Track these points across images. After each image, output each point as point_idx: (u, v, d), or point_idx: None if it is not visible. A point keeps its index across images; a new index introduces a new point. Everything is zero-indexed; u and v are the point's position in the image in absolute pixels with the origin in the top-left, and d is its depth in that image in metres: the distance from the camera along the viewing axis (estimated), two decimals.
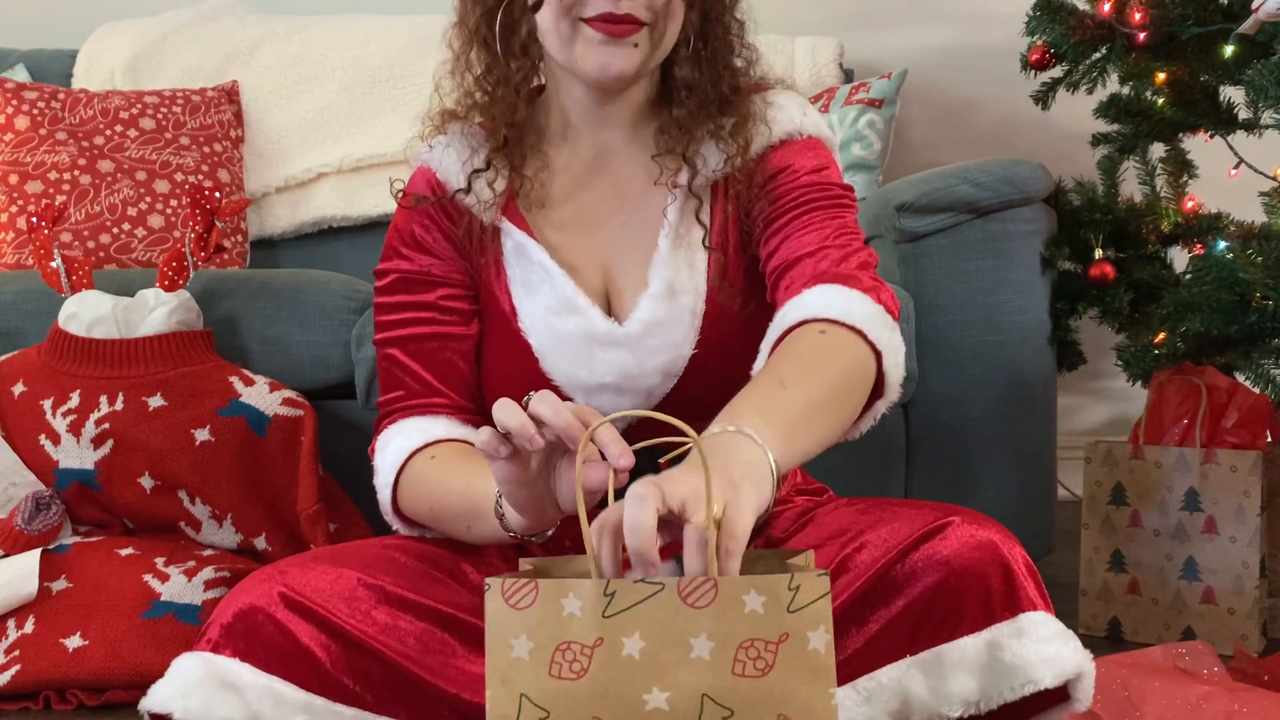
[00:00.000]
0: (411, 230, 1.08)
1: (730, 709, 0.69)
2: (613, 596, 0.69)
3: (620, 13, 0.98)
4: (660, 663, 0.69)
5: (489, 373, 1.11)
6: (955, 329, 1.63)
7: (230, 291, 1.66)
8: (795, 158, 1.06)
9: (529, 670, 0.70)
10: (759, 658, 0.69)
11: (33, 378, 1.50)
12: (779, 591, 0.68)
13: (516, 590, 0.71)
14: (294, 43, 2.31)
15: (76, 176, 2.02)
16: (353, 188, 2.24)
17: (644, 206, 1.07)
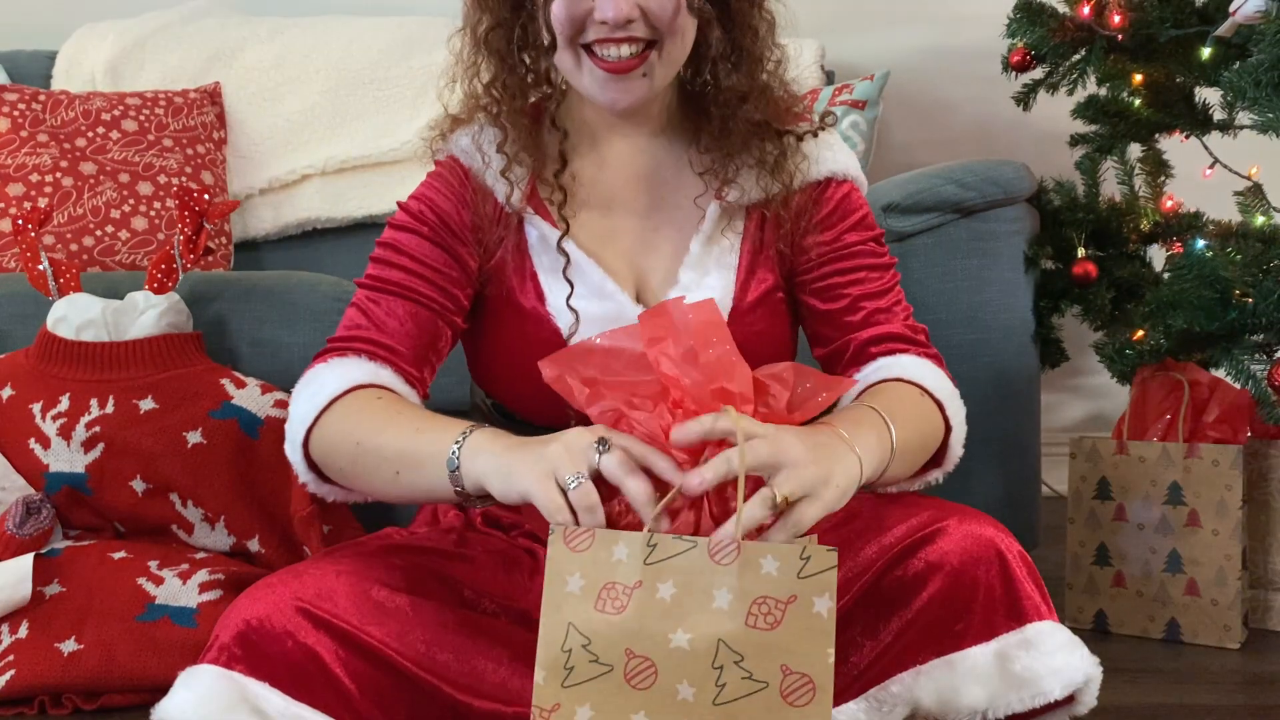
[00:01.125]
0: (436, 203, 1.07)
1: (741, 654, 0.79)
2: (654, 547, 0.80)
3: (619, 36, 0.97)
4: (686, 608, 0.80)
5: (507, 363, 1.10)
6: (941, 327, 1.64)
7: (219, 294, 1.65)
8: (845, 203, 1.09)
9: (578, 603, 0.81)
10: (769, 613, 0.79)
11: (21, 381, 1.49)
12: (792, 559, 0.79)
13: (576, 535, 0.81)
14: (276, 44, 2.30)
15: (59, 179, 2.00)
16: (337, 189, 2.23)
17: (677, 211, 1.08)
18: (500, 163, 1.05)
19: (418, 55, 2.29)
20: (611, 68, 0.99)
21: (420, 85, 2.26)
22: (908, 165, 2.08)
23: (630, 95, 1.00)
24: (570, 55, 1.01)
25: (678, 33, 0.99)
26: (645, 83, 1.00)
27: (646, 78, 1.00)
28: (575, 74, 1.02)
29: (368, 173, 2.24)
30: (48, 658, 1.27)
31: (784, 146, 1.06)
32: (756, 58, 1.05)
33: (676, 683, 0.79)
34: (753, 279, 1.08)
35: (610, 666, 0.80)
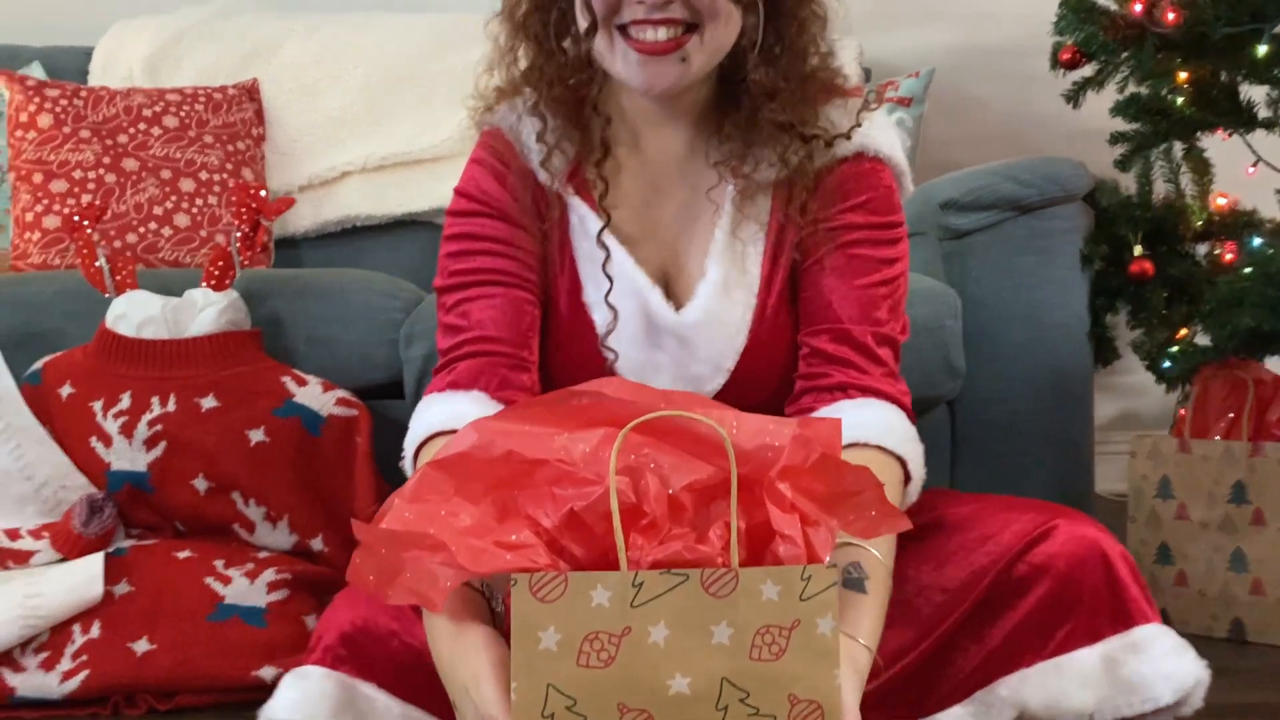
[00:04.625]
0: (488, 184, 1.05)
1: (747, 690, 0.73)
2: (640, 587, 0.72)
3: (657, 18, 0.94)
4: (683, 649, 0.72)
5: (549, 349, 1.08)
6: (998, 325, 1.65)
7: (274, 291, 1.65)
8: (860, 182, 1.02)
9: (557, 660, 0.72)
10: (774, 643, 0.73)
11: (81, 379, 1.48)
12: (793, 581, 0.73)
13: (545, 584, 0.71)
14: (313, 41, 2.29)
15: (101, 175, 1.99)
16: (376, 186, 2.22)
17: (705, 197, 1.05)
18: (540, 152, 1.04)
19: (456, 52, 2.28)
20: (647, 49, 0.95)
21: (459, 81, 2.23)
22: (943, 162, 2.08)
23: (665, 79, 0.96)
24: (605, 37, 0.98)
25: (719, 16, 0.95)
26: (682, 67, 0.96)
27: (685, 62, 0.96)
28: (609, 57, 0.98)
29: (407, 170, 2.23)
30: (121, 658, 1.26)
31: (811, 150, 1.00)
32: (799, 51, 1.01)
33: None
34: (778, 268, 1.05)
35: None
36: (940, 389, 1.59)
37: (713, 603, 0.72)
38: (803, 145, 1.00)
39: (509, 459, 0.76)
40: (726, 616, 0.72)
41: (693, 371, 1.04)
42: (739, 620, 0.72)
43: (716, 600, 0.72)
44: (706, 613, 0.72)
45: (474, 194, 1.05)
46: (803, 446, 0.75)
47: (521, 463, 0.75)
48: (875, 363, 0.99)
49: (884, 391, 0.98)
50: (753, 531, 0.75)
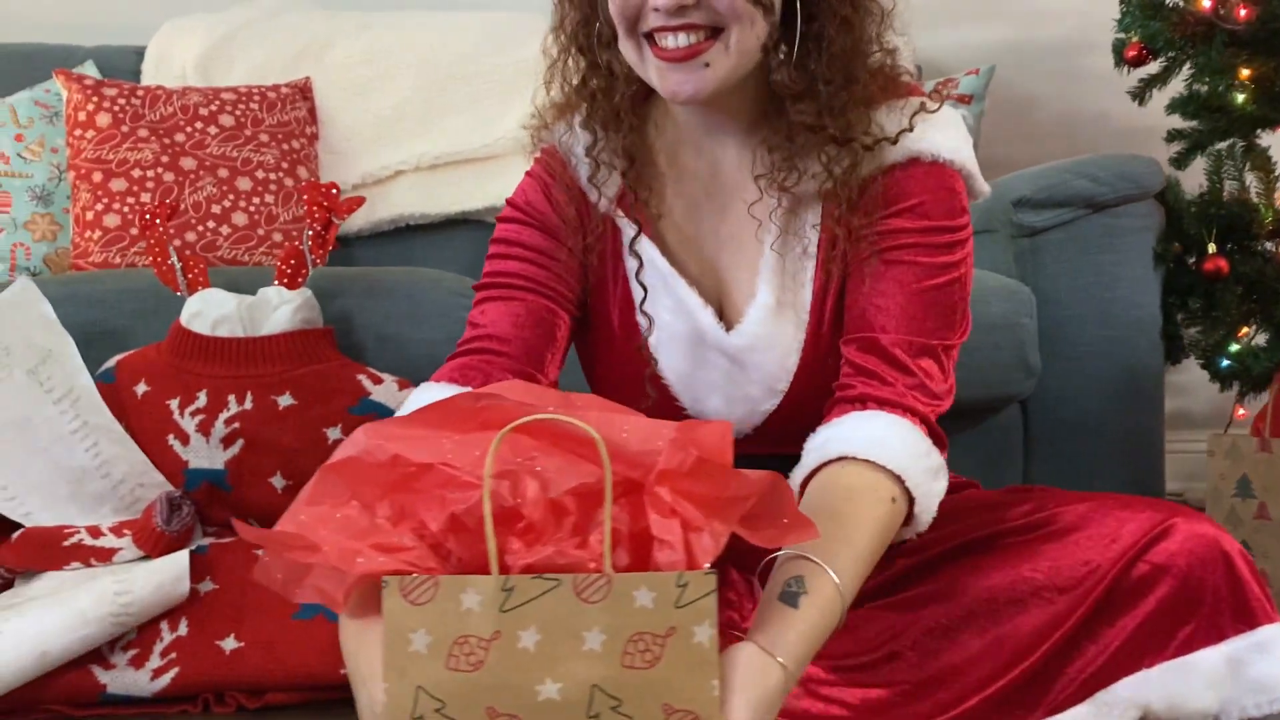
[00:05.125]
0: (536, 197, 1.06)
1: (618, 699, 0.72)
2: (511, 591, 0.71)
3: (676, 24, 0.92)
4: (554, 655, 0.71)
5: (600, 370, 1.11)
6: (1072, 324, 1.64)
7: (342, 290, 1.64)
8: (910, 185, 0.98)
9: (426, 663, 0.71)
10: (647, 650, 0.72)
11: (156, 377, 1.48)
12: (668, 588, 0.71)
13: (415, 587, 0.71)
14: (364, 39, 2.29)
15: (160, 174, 1.99)
16: (430, 185, 2.22)
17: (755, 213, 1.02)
18: (588, 169, 1.03)
19: (508, 50, 2.28)
20: (668, 56, 0.94)
21: (511, 80, 2.25)
22: (994, 160, 2.07)
23: (690, 86, 0.94)
24: (632, 46, 0.96)
25: (742, 19, 0.92)
26: (707, 73, 0.93)
27: (708, 68, 0.93)
28: (640, 66, 0.97)
29: (461, 168, 2.23)
30: (210, 655, 1.25)
31: (855, 158, 0.96)
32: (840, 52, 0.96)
33: None
34: (830, 285, 1.02)
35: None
36: (1016, 387, 1.58)
37: (584, 608, 0.71)
38: (845, 153, 0.96)
39: (395, 463, 0.76)
40: (599, 622, 0.71)
41: (746, 392, 1.03)
42: (611, 626, 0.71)
43: (588, 606, 0.71)
44: (578, 618, 0.71)
45: (519, 204, 1.07)
46: (679, 450, 0.74)
47: (408, 466, 0.75)
48: (903, 373, 0.95)
49: (901, 404, 0.94)
50: (639, 537, 0.74)
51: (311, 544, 0.74)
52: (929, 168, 0.98)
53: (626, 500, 0.74)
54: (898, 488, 0.91)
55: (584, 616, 0.71)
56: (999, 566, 0.98)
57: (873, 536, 0.88)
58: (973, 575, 0.98)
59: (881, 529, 0.89)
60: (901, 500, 0.92)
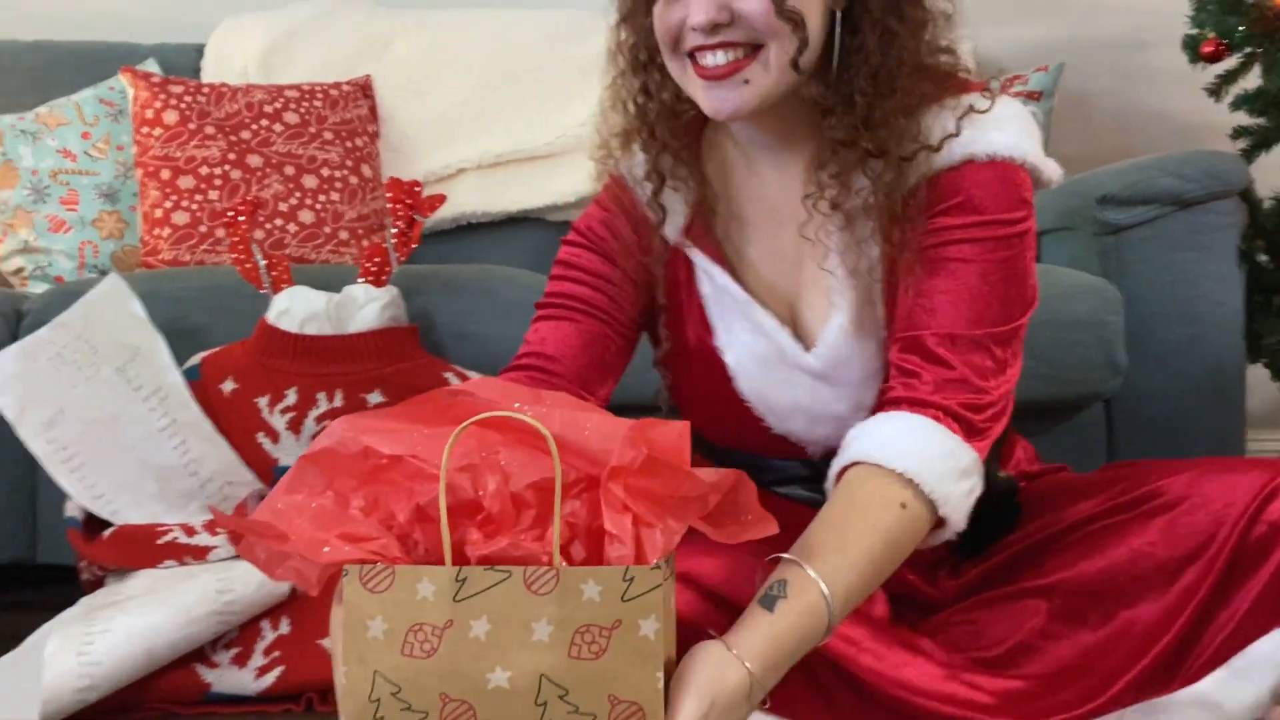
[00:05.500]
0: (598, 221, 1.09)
1: (565, 688, 0.74)
2: (464, 582, 0.74)
3: (713, 42, 0.93)
4: (504, 644, 0.74)
5: (686, 390, 1.12)
6: (1157, 322, 1.62)
7: (420, 288, 1.64)
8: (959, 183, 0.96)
9: (383, 649, 0.75)
10: (594, 642, 0.74)
11: (243, 375, 1.48)
12: (614, 582, 0.73)
13: (374, 576, 0.75)
14: (424, 37, 2.28)
15: (227, 171, 1.99)
16: (491, 183, 2.21)
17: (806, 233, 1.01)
18: (649, 190, 1.05)
19: (567, 48, 2.27)
20: (708, 74, 0.95)
21: (570, 77, 2.24)
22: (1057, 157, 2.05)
23: (730, 103, 0.95)
24: (677, 65, 0.98)
25: (779, 35, 0.92)
26: (747, 89, 0.94)
27: (748, 84, 0.94)
28: (685, 85, 0.98)
29: (521, 166, 2.22)
30: (313, 654, 1.25)
31: (900, 168, 0.95)
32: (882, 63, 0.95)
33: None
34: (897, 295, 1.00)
35: (425, 714, 0.75)
36: (1102, 386, 1.57)
37: (534, 600, 0.74)
38: (887, 166, 0.95)
39: (366, 454, 0.79)
40: (547, 614, 0.74)
41: (832, 410, 1.02)
42: (559, 618, 0.74)
43: (537, 597, 0.74)
44: (527, 609, 0.74)
45: (581, 229, 1.09)
46: (631, 447, 0.76)
47: (379, 458, 0.78)
48: (943, 368, 0.93)
49: (931, 402, 0.92)
50: (596, 532, 0.76)
51: (281, 533, 0.77)
52: (983, 165, 0.96)
53: (587, 496, 0.77)
54: (909, 492, 0.90)
55: (533, 608, 0.74)
56: (1112, 545, 0.97)
57: (873, 544, 0.87)
58: (1087, 558, 0.98)
59: (886, 536, 0.88)
60: (916, 504, 0.90)
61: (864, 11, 0.95)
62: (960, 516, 0.92)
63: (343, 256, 2.01)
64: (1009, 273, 0.95)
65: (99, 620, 1.19)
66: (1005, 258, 0.95)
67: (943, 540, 0.95)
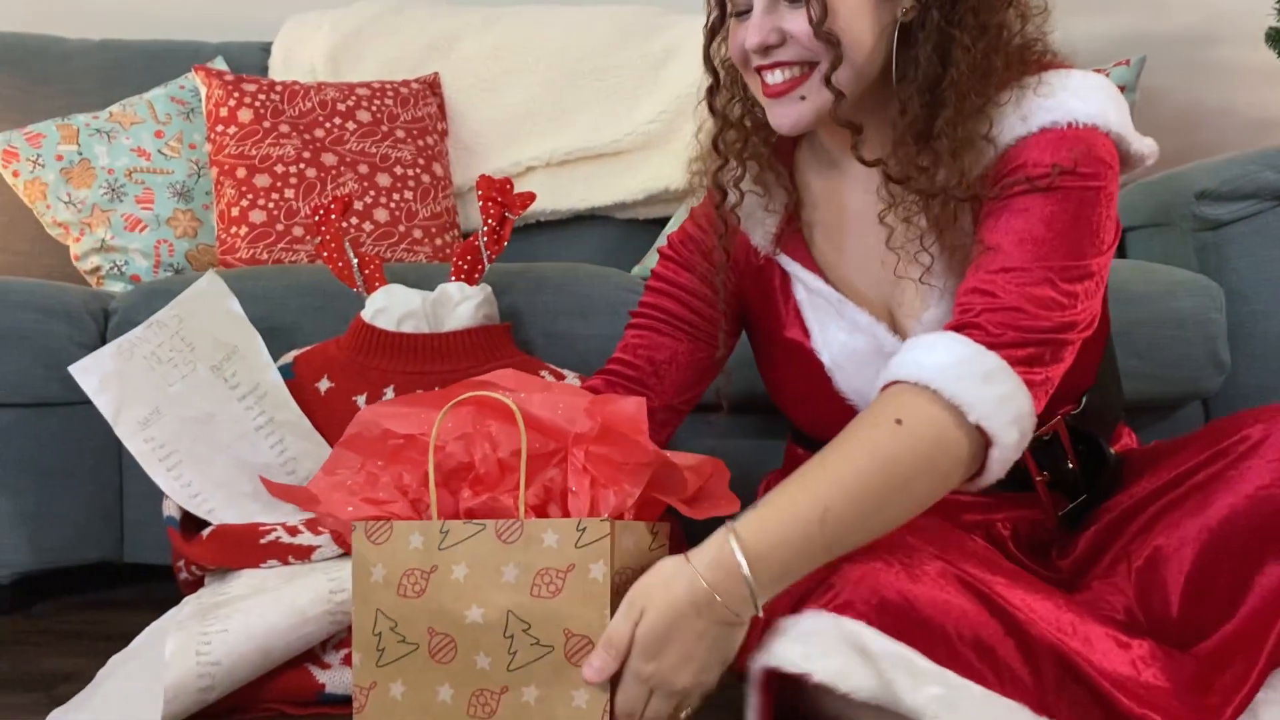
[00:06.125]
0: (690, 234, 1.16)
1: (528, 622, 0.87)
2: (446, 534, 0.89)
3: (769, 62, 0.99)
4: (478, 585, 0.88)
5: (783, 391, 1.16)
6: (1259, 319, 1.60)
7: (508, 286, 1.63)
8: (1034, 141, 0.97)
9: (383, 590, 0.91)
10: (551, 582, 0.86)
11: (339, 373, 1.47)
12: (569, 531, 0.86)
13: (376, 530, 0.92)
14: (491, 34, 2.28)
15: (302, 170, 1.99)
16: (559, 182, 2.20)
17: (900, 227, 1.04)
18: (736, 198, 1.09)
19: (635, 45, 2.26)
20: (770, 91, 1.00)
21: (639, 74, 2.23)
22: None
23: (789, 118, 1.00)
24: (751, 81, 1.03)
25: (824, 53, 0.97)
26: (803, 105, 0.99)
27: (804, 100, 0.99)
28: (759, 99, 1.03)
29: (589, 164, 2.21)
30: None
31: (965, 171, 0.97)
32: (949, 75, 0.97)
33: (474, 654, 0.88)
34: None
35: (416, 645, 0.90)
36: (1205, 384, 1.54)
37: (503, 548, 0.87)
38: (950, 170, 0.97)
39: (386, 436, 0.96)
40: (514, 559, 0.87)
41: None
42: (523, 563, 0.87)
43: (506, 545, 0.87)
44: (498, 556, 0.88)
45: (674, 241, 1.18)
46: (589, 418, 0.90)
47: (396, 438, 0.95)
48: (988, 297, 0.93)
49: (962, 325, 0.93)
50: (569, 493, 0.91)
51: (313, 497, 0.96)
52: (1061, 131, 0.97)
53: (563, 464, 0.91)
54: (922, 400, 0.89)
55: (502, 554, 0.87)
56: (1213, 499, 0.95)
57: (860, 462, 0.88)
58: (1195, 514, 0.96)
59: (875, 451, 0.88)
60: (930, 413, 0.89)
61: (922, 24, 0.97)
62: (1000, 426, 0.89)
63: (416, 255, 2.00)
64: (1077, 222, 0.95)
65: (214, 620, 1.18)
66: (1074, 209, 0.95)
67: (1001, 468, 0.92)
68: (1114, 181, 0.98)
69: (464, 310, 1.48)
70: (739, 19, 1.01)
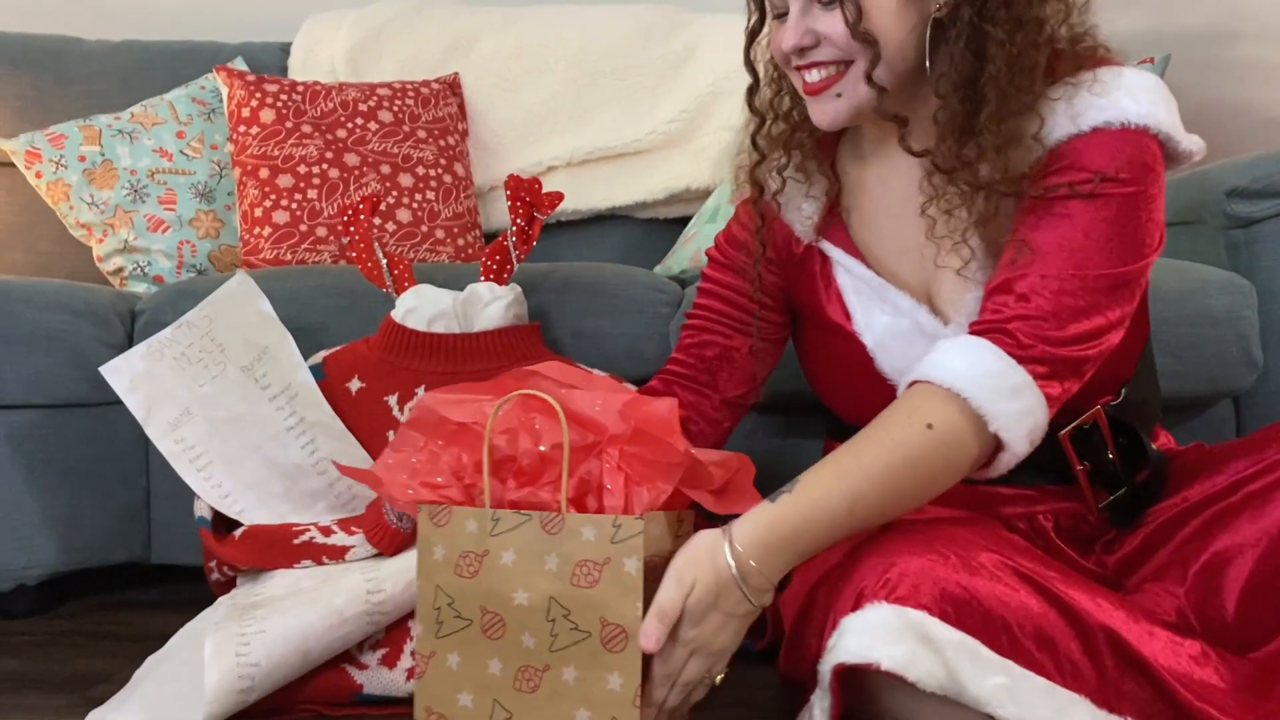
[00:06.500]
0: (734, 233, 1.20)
1: (568, 609, 0.93)
2: (497, 521, 0.96)
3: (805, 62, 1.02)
4: (525, 571, 0.94)
5: (826, 379, 1.18)
6: None
7: (536, 285, 1.62)
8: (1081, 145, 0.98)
9: (442, 569, 0.98)
10: (589, 573, 0.92)
11: (370, 373, 1.46)
12: (606, 527, 0.92)
13: (438, 513, 0.99)
14: (511, 34, 2.27)
15: (325, 170, 1.98)
16: (580, 181, 2.20)
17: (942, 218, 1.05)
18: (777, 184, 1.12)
19: (655, 44, 2.26)
20: (808, 89, 1.04)
21: (659, 74, 2.23)
22: None
23: (827, 115, 1.04)
24: (793, 79, 1.06)
25: (862, 52, 0.99)
26: (840, 102, 1.02)
27: (841, 97, 1.02)
28: (801, 94, 1.06)
29: (610, 164, 2.21)
30: None
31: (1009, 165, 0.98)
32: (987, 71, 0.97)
33: (521, 633, 0.94)
34: None
35: (470, 621, 0.96)
36: (1238, 382, 1.54)
37: (547, 538, 0.93)
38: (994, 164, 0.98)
39: (442, 422, 1.02)
40: (556, 549, 0.93)
41: None
42: (564, 553, 0.93)
43: (549, 536, 0.93)
44: (542, 545, 0.93)
45: (719, 242, 1.23)
46: (623, 420, 0.95)
47: (450, 425, 1.01)
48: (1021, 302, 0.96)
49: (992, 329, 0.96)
50: None
51: (376, 479, 1.03)
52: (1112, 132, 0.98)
53: (600, 457, 0.96)
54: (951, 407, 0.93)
55: (546, 544, 0.93)
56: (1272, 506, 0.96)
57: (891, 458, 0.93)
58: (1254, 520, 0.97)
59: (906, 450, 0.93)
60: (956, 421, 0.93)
61: (954, 21, 0.98)
62: (1015, 438, 0.94)
63: (439, 255, 2.00)
64: (1116, 230, 0.97)
65: (252, 621, 1.18)
66: (1113, 216, 0.96)
67: (1005, 467, 0.96)
68: (1157, 185, 0.99)
69: (494, 310, 1.47)
70: (779, 21, 1.05)
